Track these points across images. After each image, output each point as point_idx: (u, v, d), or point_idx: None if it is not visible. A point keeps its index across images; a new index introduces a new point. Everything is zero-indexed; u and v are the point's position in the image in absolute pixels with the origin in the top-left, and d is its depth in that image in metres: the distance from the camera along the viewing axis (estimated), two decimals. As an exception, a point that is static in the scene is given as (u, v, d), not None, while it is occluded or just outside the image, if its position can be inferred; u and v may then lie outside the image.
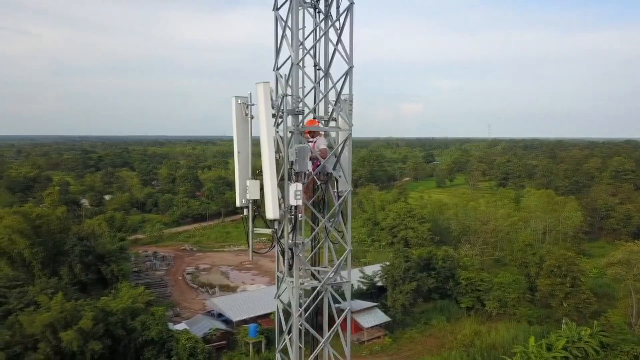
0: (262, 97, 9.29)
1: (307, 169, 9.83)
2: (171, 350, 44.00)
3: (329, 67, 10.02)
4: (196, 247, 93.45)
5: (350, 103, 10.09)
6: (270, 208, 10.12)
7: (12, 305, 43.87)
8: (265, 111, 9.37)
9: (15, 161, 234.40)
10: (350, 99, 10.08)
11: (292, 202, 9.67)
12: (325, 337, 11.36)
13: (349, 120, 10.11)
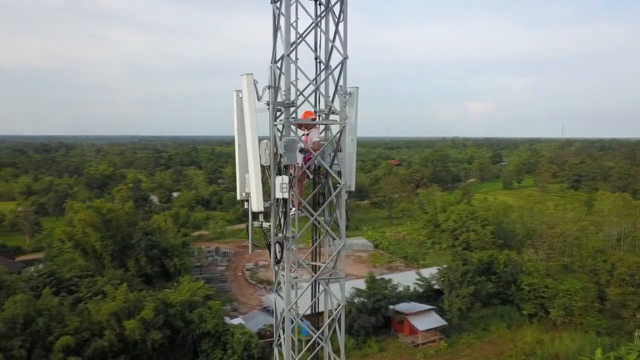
0: (246, 89, 9.34)
1: (296, 161, 9.77)
2: (226, 344, 45.20)
3: (328, 59, 9.89)
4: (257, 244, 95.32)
5: (345, 95, 9.91)
6: (254, 200, 10.16)
7: (83, 293, 46.79)
8: (249, 102, 9.44)
9: (95, 160, 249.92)
10: (345, 91, 9.90)
11: (277, 195, 9.67)
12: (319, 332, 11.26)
13: (343, 112, 9.93)
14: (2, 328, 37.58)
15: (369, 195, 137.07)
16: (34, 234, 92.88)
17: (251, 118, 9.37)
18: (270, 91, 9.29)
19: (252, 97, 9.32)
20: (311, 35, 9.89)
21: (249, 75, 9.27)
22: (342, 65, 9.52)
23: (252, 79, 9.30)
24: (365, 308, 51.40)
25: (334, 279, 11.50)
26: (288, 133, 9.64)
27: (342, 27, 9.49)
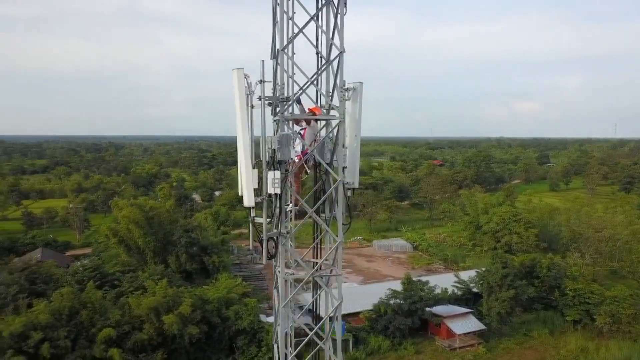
0: (236, 84, 9.40)
1: (289, 157, 9.74)
2: (261, 341, 45.75)
3: (329, 54, 9.79)
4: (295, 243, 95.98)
5: (342, 90, 9.80)
6: (245, 195, 10.20)
7: (125, 288, 48.43)
8: (239, 97, 9.49)
9: (142, 159, 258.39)
10: (342, 86, 9.78)
11: (269, 190, 9.68)
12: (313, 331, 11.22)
13: (342, 108, 9.82)
14: (49, 319, 39.36)
15: (410, 196, 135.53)
16: (83, 230, 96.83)
17: (242, 113, 9.44)
18: (262, 86, 9.36)
19: (242, 92, 9.41)
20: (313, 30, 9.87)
21: (239, 70, 9.34)
22: (339, 59, 9.46)
23: (243, 73, 9.39)
24: (401, 310, 50.86)
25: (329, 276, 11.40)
26: (282, 128, 9.68)
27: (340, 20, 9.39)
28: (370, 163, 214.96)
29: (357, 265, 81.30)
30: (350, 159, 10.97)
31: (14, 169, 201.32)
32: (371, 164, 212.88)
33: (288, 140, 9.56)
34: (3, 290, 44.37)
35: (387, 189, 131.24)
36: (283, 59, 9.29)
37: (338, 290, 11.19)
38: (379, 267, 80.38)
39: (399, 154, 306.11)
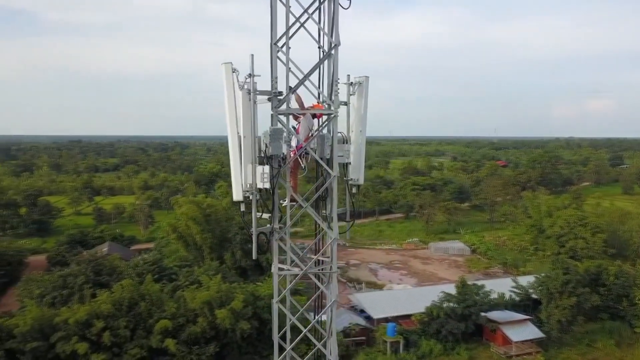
0: (224, 78, 9.41)
1: (281, 152, 9.64)
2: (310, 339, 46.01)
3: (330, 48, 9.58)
4: (348, 243, 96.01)
5: (335, 84, 9.59)
6: (234, 189, 10.17)
7: (181, 282, 50.25)
8: (227, 92, 9.48)
9: (205, 158, 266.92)
10: (337, 80, 9.56)
11: (259, 185, 9.61)
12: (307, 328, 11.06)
13: (335, 102, 9.62)
14: (111, 309, 41.53)
15: (470, 198, 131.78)
16: (148, 226, 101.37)
17: (229, 109, 9.48)
18: (252, 80, 9.36)
19: (229, 86, 9.47)
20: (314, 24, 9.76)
21: (227, 64, 9.38)
22: (333, 52, 9.32)
23: (231, 67, 9.44)
24: (455, 313, 49.56)
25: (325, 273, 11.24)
26: (275, 123, 9.66)
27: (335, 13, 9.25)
28: (430, 163, 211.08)
29: (413, 268, 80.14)
30: (355, 155, 10.80)
31: (89, 167, 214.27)
32: (431, 164, 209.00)
33: (279, 134, 9.55)
34: (71, 281, 47.28)
35: (446, 190, 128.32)
36: (275, 53, 9.30)
37: (333, 287, 11.03)
38: (434, 270, 78.81)
39: (460, 154, 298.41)
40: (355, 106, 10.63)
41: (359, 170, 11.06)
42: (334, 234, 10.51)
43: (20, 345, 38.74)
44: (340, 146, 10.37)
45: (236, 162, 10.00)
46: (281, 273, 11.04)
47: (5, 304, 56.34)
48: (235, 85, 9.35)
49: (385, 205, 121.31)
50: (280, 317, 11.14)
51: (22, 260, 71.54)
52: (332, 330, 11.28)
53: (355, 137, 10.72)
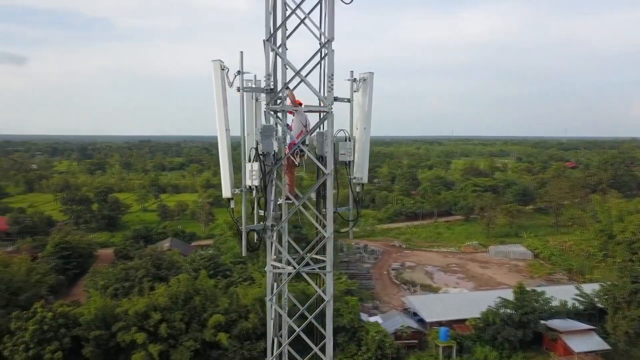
0: (214, 75, 9.36)
1: (272, 149, 9.46)
2: (361, 340, 45.83)
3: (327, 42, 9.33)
4: (405, 245, 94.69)
5: (329, 80, 9.29)
6: (223, 186, 10.08)
7: (235, 278, 51.51)
8: (215, 89, 9.45)
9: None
10: (330, 75, 9.27)
11: (247, 182, 9.47)
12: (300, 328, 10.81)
13: (329, 98, 9.34)
14: (167, 302, 43.22)
15: (534, 200, 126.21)
16: (208, 223, 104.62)
17: (217, 106, 9.47)
18: (241, 77, 9.31)
19: (218, 83, 9.46)
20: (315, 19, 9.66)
21: (215, 61, 9.37)
22: (326, 48, 9.10)
23: (219, 65, 9.43)
24: (511, 320, 47.66)
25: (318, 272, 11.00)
26: (268, 120, 9.58)
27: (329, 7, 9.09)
28: (493, 164, 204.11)
29: (470, 271, 77.84)
30: (358, 153, 10.56)
31: (156, 166, 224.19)
32: (494, 164, 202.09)
33: (270, 131, 9.48)
34: (132, 274, 49.63)
35: (509, 191, 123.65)
36: (268, 50, 9.26)
37: (327, 287, 10.81)
38: (493, 274, 76.13)
39: (526, 154, 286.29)
40: (360, 103, 10.43)
41: (363, 169, 10.84)
42: (328, 233, 10.34)
43: (84, 333, 41.16)
44: (343, 144, 10.22)
45: (224, 159, 10.08)
46: (274, 271, 11.02)
47: (75, 294, 60.00)
48: (225, 82, 9.44)
49: (444, 207, 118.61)
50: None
51: (92, 253, 76.00)
52: (329, 332, 11.09)
53: (360, 134, 10.52)
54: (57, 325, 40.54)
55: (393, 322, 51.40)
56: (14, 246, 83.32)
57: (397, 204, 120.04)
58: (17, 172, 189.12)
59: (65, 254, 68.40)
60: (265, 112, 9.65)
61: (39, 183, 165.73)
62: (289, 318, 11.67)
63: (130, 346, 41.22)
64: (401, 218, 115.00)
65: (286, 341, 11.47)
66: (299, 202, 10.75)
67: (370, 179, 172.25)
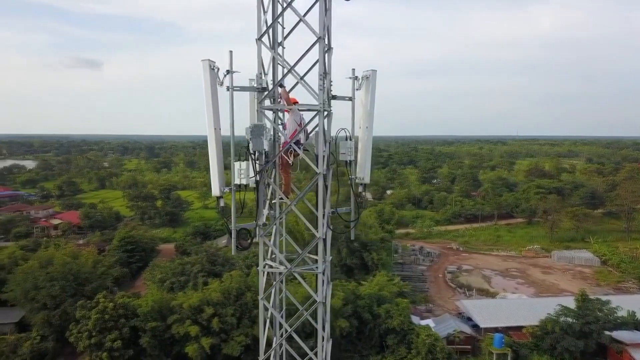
0: (203, 75, 9.29)
1: (262, 148, 9.26)
2: (411, 343, 45.07)
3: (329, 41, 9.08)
4: (463, 247, 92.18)
5: (321, 78, 8.99)
6: (212, 185, 9.96)
7: (286, 276, 52.07)
8: (205, 88, 9.40)
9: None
10: (322, 73, 8.97)
11: (236, 181, 9.31)
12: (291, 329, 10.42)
13: (321, 96, 9.04)
14: (220, 297, 44.38)
15: (604, 204, 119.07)
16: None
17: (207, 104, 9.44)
18: (230, 76, 9.23)
19: (207, 82, 9.45)
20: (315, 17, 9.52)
21: (204, 61, 9.32)
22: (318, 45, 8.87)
23: (208, 64, 9.39)
24: (572, 329, 45.27)
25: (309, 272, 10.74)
26: (260, 119, 9.45)
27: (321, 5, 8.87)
28: (560, 165, 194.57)
29: (531, 277, 74.65)
30: (360, 153, 10.29)
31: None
32: (560, 165, 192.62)
33: (260, 130, 9.39)
34: (188, 268, 51.41)
35: (576, 194, 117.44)
36: (260, 48, 9.19)
37: (319, 289, 10.56)
38: (556, 281, 72.62)
39: (597, 155, 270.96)
40: (362, 102, 10.19)
41: (365, 169, 10.59)
42: (320, 233, 10.17)
43: (142, 324, 43.03)
44: (343, 143, 10.03)
45: (213, 158, 10.15)
46: (266, 270, 10.98)
47: (137, 286, 62.99)
48: (215, 82, 9.50)
49: (505, 209, 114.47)
50: (378, 318, 10.95)
51: (154, 248, 79.51)
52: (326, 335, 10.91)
53: (362, 134, 10.29)
54: (117, 315, 42.66)
55: (445, 326, 50.21)
56: (85, 239, 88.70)
57: (456, 206, 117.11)
58: (91, 169, 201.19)
59: (130, 248, 71.99)
60: (257, 111, 9.68)
61: (110, 180, 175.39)
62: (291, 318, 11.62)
63: (184, 338, 42.67)
64: (460, 220, 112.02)
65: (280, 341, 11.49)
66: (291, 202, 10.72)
67: (429, 179, 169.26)
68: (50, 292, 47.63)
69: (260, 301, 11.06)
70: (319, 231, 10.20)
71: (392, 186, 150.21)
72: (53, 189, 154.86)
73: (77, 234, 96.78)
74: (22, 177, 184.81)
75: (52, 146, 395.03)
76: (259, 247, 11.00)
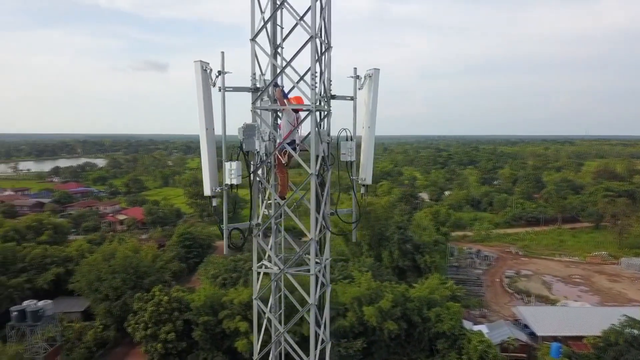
0: (195, 75, 9.18)
1: (254, 148, 9.04)
2: (462, 349, 43.84)
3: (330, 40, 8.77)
4: (522, 251, 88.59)
5: (313, 77, 8.66)
6: (204, 184, 9.80)
7: (335, 275, 52.11)
8: (197, 89, 9.34)
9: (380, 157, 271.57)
10: (314, 72, 8.63)
11: (226, 181, 9.11)
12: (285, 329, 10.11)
13: (312, 96, 8.71)
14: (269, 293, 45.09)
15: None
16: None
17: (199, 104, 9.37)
18: (222, 77, 9.11)
19: (199, 83, 9.39)
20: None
21: (196, 62, 9.23)
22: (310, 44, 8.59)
23: (200, 65, 9.29)
24: (638, 342, 42.37)
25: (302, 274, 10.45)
26: (254, 119, 9.29)
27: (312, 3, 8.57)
28: (633, 166, 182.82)
29: (596, 284, 70.67)
30: (362, 153, 9.97)
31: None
32: (634, 167, 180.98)
33: (253, 130, 9.26)
34: (240, 265, 52.61)
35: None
36: (254, 48, 9.08)
37: (311, 291, 10.30)
38: (623, 289, 68.34)
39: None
40: (364, 101, 9.92)
41: (366, 169, 10.30)
42: (311, 235, 9.97)
43: (195, 318, 44.44)
44: (344, 143, 9.81)
45: (205, 157, 10.16)
46: (259, 270, 10.91)
47: (193, 281, 65.15)
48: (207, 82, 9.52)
49: (570, 213, 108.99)
50: (428, 322, 10.93)
51: (210, 244, 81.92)
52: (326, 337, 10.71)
53: (364, 134, 10.01)
54: (171, 308, 44.30)
55: (500, 333, 48.48)
56: (147, 235, 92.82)
57: (517, 208, 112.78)
58: (156, 168, 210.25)
59: (188, 244, 74.62)
60: (253, 111, 9.68)
61: (173, 178, 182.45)
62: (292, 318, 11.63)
63: (234, 333, 43.64)
64: (520, 223, 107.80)
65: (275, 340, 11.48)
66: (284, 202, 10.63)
67: (490, 180, 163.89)
68: (112, 284, 50.21)
69: (255, 301, 11.14)
70: (312, 232, 10.11)
71: (450, 187, 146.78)
72: (120, 186, 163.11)
73: (140, 229, 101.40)
74: (93, 175, 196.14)
75: (121, 145, 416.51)
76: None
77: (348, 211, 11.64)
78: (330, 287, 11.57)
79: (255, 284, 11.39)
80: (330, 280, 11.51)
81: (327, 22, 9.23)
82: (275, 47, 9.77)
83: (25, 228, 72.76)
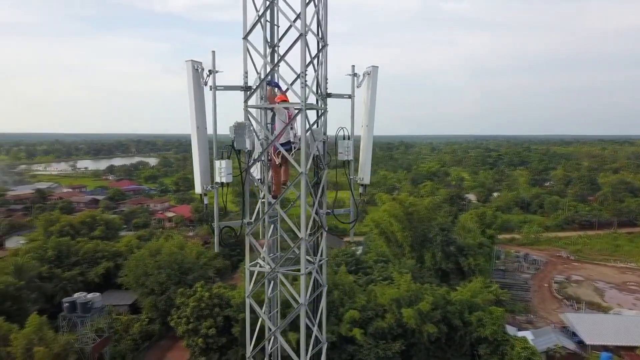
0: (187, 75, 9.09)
1: (245, 147, 8.84)
2: (505, 355, 42.58)
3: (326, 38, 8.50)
4: (574, 256, 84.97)
5: (302, 76, 8.37)
6: (196, 182, 9.65)
7: (374, 276, 51.74)
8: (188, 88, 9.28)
9: (428, 157, 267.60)
10: (303, 70, 8.35)
11: (217, 179, 8.94)
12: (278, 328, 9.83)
13: (302, 94, 8.43)
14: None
15: None
16: (362, 220, 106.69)
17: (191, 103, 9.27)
18: (213, 76, 9.00)
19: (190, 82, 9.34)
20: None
21: (188, 61, 9.14)
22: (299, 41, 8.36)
23: (192, 65, 9.23)
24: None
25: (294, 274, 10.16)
26: (246, 117, 9.13)
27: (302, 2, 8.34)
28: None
29: (654, 292, 66.95)
30: (360, 152, 9.69)
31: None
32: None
33: (243, 129, 9.14)
34: (281, 264, 53.06)
35: None
36: (246, 46, 8.96)
37: (301, 290, 10.04)
38: (684, 298, 64.37)
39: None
40: (362, 99, 9.66)
41: (365, 169, 10.04)
42: (302, 234, 9.76)
43: (235, 314, 45.20)
44: (341, 142, 9.60)
45: (196, 156, 10.15)
46: (251, 269, 10.82)
47: (235, 278, 66.38)
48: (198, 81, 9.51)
49: (627, 216, 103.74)
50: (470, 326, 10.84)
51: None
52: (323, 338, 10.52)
53: (363, 133, 9.76)
54: (212, 304, 45.22)
55: (546, 340, 46.75)
56: (194, 232, 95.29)
57: (569, 211, 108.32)
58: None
59: (231, 242, 75.98)
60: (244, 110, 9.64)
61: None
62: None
63: (272, 330, 44.14)
64: (572, 226, 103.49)
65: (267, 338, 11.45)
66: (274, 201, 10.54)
67: (541, 181, 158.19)
68: (157, 279, 51.88)
69: (247, 300, 11.17)
70: (302, 232, 10.01)
71: (499, 188, 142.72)
72: (170, 185, 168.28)
73: (187, 226, 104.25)
74: (145, 173, 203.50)
75: (172, 145, 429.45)
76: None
77: (346, 211, 11.50)
78: (326, 287, 11.48)
79: (247, 282, 11.43)
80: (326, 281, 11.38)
81: (323, 20, 9.15)
82: (272, 47, 9.78)
83: (80, 223, 76.23)
